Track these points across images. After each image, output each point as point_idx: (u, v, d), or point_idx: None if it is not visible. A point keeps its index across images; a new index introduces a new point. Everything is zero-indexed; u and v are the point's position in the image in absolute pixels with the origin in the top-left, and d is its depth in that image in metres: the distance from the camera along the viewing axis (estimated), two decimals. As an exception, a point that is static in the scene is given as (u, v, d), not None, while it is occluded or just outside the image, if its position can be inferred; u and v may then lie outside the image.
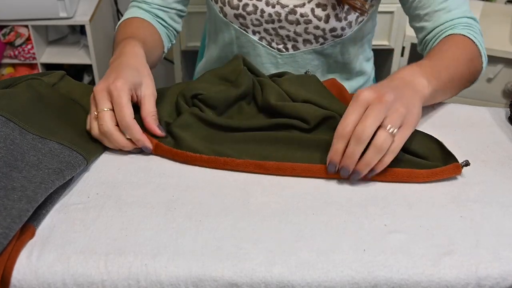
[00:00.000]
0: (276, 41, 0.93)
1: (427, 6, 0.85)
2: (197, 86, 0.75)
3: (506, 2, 1.88)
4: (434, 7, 0.85)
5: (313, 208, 0.58)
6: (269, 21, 0.90)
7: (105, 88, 0.66)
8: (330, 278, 0.50)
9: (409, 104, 0.62)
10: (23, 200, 0.53)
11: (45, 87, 0.72)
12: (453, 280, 0.50)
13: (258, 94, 0.75)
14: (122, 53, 0.73)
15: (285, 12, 0.88)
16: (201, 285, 0.50)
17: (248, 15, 0.90)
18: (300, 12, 0.87)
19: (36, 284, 0.50)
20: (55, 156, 0.60)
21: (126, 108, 0.65)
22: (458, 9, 0.84)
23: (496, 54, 1.57)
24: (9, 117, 0.62)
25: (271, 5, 0.88)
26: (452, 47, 0.79)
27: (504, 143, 0.70)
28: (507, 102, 1.66)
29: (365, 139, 0.58)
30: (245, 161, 0.63)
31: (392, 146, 0.59)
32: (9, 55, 1.79)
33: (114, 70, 0.69)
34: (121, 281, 0.50)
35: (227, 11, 0.90)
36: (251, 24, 0.91)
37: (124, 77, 0.66)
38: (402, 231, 0.54)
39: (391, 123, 0.58)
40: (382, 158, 0.59)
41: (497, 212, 0.57)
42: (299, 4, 0.87)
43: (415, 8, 0.87)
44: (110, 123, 0.65)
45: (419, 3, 0.86)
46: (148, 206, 0.58)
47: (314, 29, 0.89)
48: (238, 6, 0.89)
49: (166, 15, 0.94)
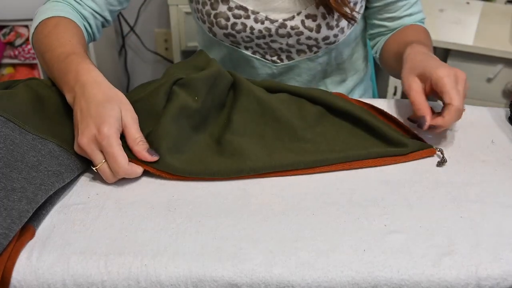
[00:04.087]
0: (270, 53, 0.92)
1: (392, 11, 0.92)
2: (173, 73, 0.70)
3: (506, 2, 1.88)
4: (400, 14, 0.91)
5: (313, 208, 0.58)
6: (260, 36, 0.88)
7: (92, 140, 0.60)
8: (330, 279, 0.50)
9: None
10: (23, 201, 0.53)
11: (44, 87, 0.72)
12: (453, 280, 0.50)
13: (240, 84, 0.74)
14: (82, 86, 0.63)
15: (275, 26, 0.86)
16: (201, 285, 0.50)
17: (238, 33, 0.88)
18: (291, 25, 0.86)
19: (36, 285, 0.50)
20: (55, 158, 0.60)
21: (120, 157, 0.60)
22: (419, 13, 0.93)
23: (496, 54, 1.57)
24: (9, 117, 0.62)
25: (260, 22, 0.86)
26: (422, 35, 0.88)
27: (504, 143, 0.70)
28: (507, 102, 1.66)
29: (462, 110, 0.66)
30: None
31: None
32: (9, 55, 1.79)
33: (87, 114, 0.61)
34: (121, 282, 0.50)
35: (216, 31, 0.89)
36: (242, 41, 0.89)
37: (106, 120, 0.60)
38: (402, 231, 0.54)
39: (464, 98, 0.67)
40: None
41: (497, 212, 0.57)
42: (289, 18, 0.86)
43: (379, 9, 0.92)
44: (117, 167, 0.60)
45: (385, 7, 0.91)
46: (148, 206, 0.58)
47: (306, 39, 0.88)
48: (226, 26, 0.87)
49: (94, 22, 0.85)
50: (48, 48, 0.72)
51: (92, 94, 0.62)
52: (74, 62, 0.67)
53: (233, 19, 0.86)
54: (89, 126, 0.60)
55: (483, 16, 1.74)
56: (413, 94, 0.68)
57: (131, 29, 2.11)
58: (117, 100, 0.63)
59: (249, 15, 0.86)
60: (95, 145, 0.60)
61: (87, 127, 0.60)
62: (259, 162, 0.63)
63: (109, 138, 0.59)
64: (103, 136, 0.59)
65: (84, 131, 0.60)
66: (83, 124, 0.61)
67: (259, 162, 0.63)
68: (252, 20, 0.86)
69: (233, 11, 0.86)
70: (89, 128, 0.60)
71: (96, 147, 0.60)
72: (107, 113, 0.61)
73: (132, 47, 2.19)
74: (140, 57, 2.21)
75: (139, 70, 2.25)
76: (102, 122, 0.60)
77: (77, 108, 0.63)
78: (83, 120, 0.61)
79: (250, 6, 0.85)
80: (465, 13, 1.77)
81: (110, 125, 0.60)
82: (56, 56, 0.70)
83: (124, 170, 0.60)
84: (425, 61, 0.71)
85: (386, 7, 0.91)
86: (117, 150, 0.59)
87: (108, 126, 0.59)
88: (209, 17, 0.88)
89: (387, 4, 0.91)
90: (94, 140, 0.60)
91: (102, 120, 0.60)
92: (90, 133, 0.60)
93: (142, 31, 2.13)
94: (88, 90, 0.63)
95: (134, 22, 2.09)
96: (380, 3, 0.91)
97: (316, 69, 0.95)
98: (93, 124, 0.60)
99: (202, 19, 0.89)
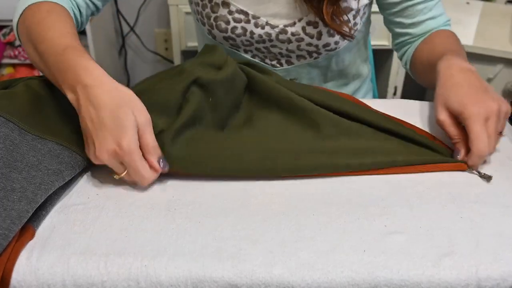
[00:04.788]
0: (269, 57, 0.91)
1: (412, 16, 0.86)
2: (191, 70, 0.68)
3: (506, 2, 1.88)
4: (420, 18, 0.86)
5: (313, 209, 0.58)
6: (260, 41, 0.87)
7: (112, 155, 0.58)
8: (330, 279, 0.49)
9: (494, 94, 0.67)
10: (23, 201, 0.53)
11: (44, 87, 0.72)
12: (453, 281, 0.50)
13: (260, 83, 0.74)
14: (84, 87, 0.60)
15: (275, 32, 0.86)
16: (201, 286, 0.50)
17: (237, 37, 0.87)
18: (291, 31, 0.85)
19: (36, 285, 0.50)
20: (55, 157, 0.60)
21: (143, 170, 0.59)
22: (442, 16, 0.88)
23: (496, 54, 1.57)
24: (8, 117, 0.62)
25: (260, 27, 0.85)
26: (451, 40, 0.84)
27: (504, 143, 0.70)
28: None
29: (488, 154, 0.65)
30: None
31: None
32: (9, 55, 1.79)
33: (100, 125, 0.58)
34: (121, 282, 0.50)
35: (216, 33, 0.88)
36: (241, 44, 0.89)
37: (124, 133, 0.57)
38: (402, 232, 0.54)
39: (502, 127, 0.66)
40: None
41: (497, 212, 0.57)
42: (289, 24, 0.85)
43: (397, 16, 0.88)
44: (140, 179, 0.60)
45: (403, 13, 0.86)
46: (148, 207, 0.58)
47: (307, 46, 0.87)
48: (226, 29, 0.86)
49: (86, 11, 0.81)
50: (42, 39, 0.67)
51: (98, 98, 0.59)
52: (73, 57, 0.62)
53: (233, 23, 0.86)
54: (107, 139, 0.57)
55: (483, 16, 1.74)
56: (446, 128, 0.67)
57: (131, 29, 2.11)
58: (128, 103, 0.59)
59: (249, 19, 0.85)
60: (116, 159, 0.58)
61: (105, 140, 0.57)
62: (290, 164, 0.63)
63: (131, 154, 0.57)
64: (124, 152, 0.57)
65: (102, 145, 0.58)
66: (99, 137, 0.58)
67: (289, 164, 0.63)
68: (253, 25, 0.85)
69: (234, 15, 0.85)
70: (107, 141, 0.57)
71: (117, 161, 0.59)
72: (122, 123, 0.58)
73: (132, 47, 2.19)
74: (140, 57, 2.21)
75: (139, 70, 2.25)
76: (120, 136, 0.57)
77: (86, 116, 0.59)
78: (98, 132, 0.58)
79: (251, 10, 0.85)
80: (465, 13, 1.77)
81: (130, 139, 0.57)
82: (51, 48, 0.65)
83: (148, 181, 0.60)
84: (456, 89, 0.68)
85: (404, 12, 0.87)
86: (140, 165, 0.58)
87: (128, 140, 0.57)
88: (209, 19, 0.87)
89: (403, 9, 0.86)
90: (114, 155, 0.58)
91: (120, 133, 0.57)
92: (110, 147, 0.57)
93: (142, 31, 2.13)
94: (92, 93, 0.59)
95: (134, 22, 2.09)
96: (396, 9, 0.87)
97: (316, 73, 0.95)
98: (111, 138, 0.57)
99: (202, 21, 0.89)
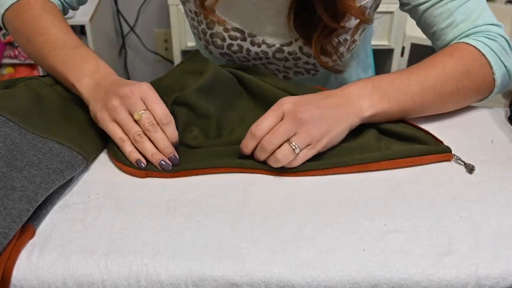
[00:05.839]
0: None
1: (432, 25, 0.76)
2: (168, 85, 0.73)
3: (506, 2, 1.88)
4: (439, 25, 0.75)
5: (313, 208, 0.58)
6: (257, 58, 0.86)
7: (136, 92, 0.63)
8: (330, 278, 0.50)
9: (329, 127, 0.62)
10: (23, 200, 0.53)
11: (44, 87, 0.72)
12: (453, 280, 0.50)
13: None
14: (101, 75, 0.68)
15: (272, 51, 0.84)
16: (201, 284, 0.50)
17: (234, 54, 0.86)
18: (288, 51, 0.84)
19: (36, 284, 0.50)
20: (55, 156, 0.60)
21: (163, 105, 0.63)
22: (467, 21, 0.73)
23: (496, 54, 1.57)
24: (9, 117, 0.62)
25: (256, 45, 0.84)
26: (442, 57, 0.70)
27: (504, 143, 0.70)
28: (507, 102, 1.66)
29: (269, 151, 0.61)
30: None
31: (292, 162, 0.61)
32: (9, 55, 1.79)
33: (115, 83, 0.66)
34: (121, 281, 0.50)
35: (212, 49, 0.87)
36: (238, 60, 0.88)
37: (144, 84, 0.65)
38: (402, 231, 0.54)
39: (296, 141, 0.60)
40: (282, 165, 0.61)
41: (497, 212, 0.57)
42: (286, 43, 0.83)
43: (422, 26, 0.79)
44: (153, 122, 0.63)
45: (424, 22, 0.77)
46: (148, 206, 0.58)
47: (304, 64, 0.86)
48: (222, 46, 0.85)
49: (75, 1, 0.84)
50: (44, 31, 0.73)
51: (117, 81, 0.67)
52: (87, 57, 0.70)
53: (229, 40, 0.84)
54: (124, 86, 0.63)
55: (483, 16, 1.73)
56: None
57: (131, 29, 2.11)
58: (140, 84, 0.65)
59: (245, 37, 0.84)
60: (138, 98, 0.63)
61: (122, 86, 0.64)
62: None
63: (151, 91, 0.63)
64: (143, 90, 0.63)
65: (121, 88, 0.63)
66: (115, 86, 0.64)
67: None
68: (249, 43, 0.84)
69: (229, 33, 0.83)
70: (124, 86, 0.63)
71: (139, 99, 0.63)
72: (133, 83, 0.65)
73: (132, 47, 2.19)
74: (140, 57, 2.21)
75: (139, 70, 2.25)
76: (141, 84, 0.64)
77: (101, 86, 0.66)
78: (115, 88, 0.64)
79: (247, 29, 0.83)
80: (465, 13, 1.77)
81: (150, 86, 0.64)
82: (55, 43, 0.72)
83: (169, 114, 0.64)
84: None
85: (425, 22, 0.76)
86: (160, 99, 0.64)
87: (148, 85, 0.64)
88: (205, 35, 0.85)
89: (423, 14, 0.75)
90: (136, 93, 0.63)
91: (133, 83, 0.64)
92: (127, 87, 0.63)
93: (142, 31, 2.13)
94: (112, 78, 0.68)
95: (134, 22, 2.10)
96: (418, 14, 0.77)
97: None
98: (126, 86, 0.63)
99: (198, 36, 0.88)
